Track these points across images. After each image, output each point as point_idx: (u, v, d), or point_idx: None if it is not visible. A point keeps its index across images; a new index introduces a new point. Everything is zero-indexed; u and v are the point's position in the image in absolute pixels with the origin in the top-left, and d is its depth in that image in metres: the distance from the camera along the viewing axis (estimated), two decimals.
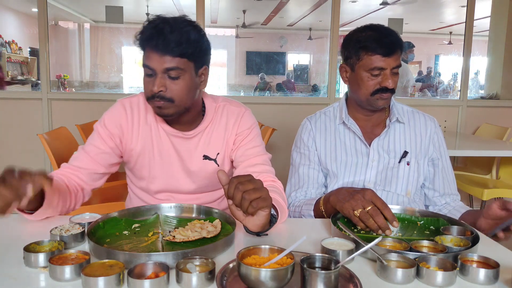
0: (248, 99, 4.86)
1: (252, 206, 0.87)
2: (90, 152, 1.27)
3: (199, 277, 0.75)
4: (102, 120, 1.29)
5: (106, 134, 1.28)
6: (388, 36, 1.29)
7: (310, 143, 1.45)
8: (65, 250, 0.84)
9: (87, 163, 1.26)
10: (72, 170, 1.25)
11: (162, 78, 1.14)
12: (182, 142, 1.29)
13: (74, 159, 1.28)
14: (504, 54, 4.02)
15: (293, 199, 1.42)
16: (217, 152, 1.32)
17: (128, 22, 8.88)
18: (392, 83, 1.30)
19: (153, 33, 1.12)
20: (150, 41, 1.12)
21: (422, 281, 0.79)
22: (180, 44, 1.11)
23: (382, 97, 1.32)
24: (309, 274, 0.73)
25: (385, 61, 1.28)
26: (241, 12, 8.67)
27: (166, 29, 1.11)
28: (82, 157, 1.27)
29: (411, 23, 8.69)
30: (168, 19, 1.14)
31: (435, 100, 4.38)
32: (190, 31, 1.14)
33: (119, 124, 1.28)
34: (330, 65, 3.72)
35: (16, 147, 3.46)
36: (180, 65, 1.14)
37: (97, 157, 1.27)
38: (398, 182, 1.38)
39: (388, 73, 1.30)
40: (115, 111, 1.29)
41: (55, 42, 7.57)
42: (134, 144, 1.29)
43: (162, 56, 1.12)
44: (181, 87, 1.16)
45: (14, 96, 3.50)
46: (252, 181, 0.89)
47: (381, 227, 1.01)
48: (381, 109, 1.40)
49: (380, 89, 1.31)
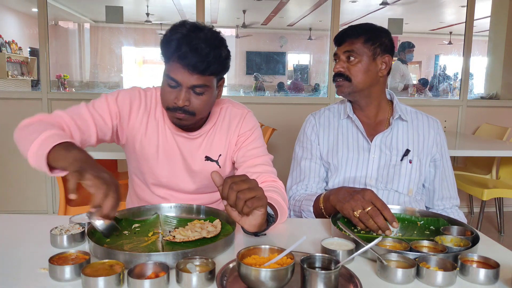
0: (248, 99, 4.86)
1: (247, 206, 0.86)
2: (95, 119, 1.20)
3: (199, 277, 0.75)
4: (115, 94, 1.26)
5: (114, 109, 1.24)
6: (347, 28, 1.40)
7: (313, 137, 1.47)
8: (65, 250, 0.84)
9: (87, 128, 1.18)
10: (72, 126, 1.14)
11: (187, 93, 1.14)
12: (185, 142, 1.30)
13: (78, 116, 1.17)
14: (504, 54, 4.02)
15: (294, 192, 1.44)
16: (219, 154, 1.32)
17: (128, 22, 8.87)
18: (338, 68, 1.38)
19: (187, 51, 1.09)
20: (183, 59, 1.09)
21: (422, 281, 0.79)
22: (213, 64, 1.11)
23: (336, 84, 1.41)
24: (309, 274, 0.73)
25: (338, 49, 1.42)
26: (241, 12, 8.66)
27: (201, 47, 1.09)
28: (87, 119, 1.18)
29: (411, 23, 8.68)
30: (201, 35, 1.11)
31: (435, 100, 4.38)
32: (222, 49, 1.14)
33: (130, 107, 1.26)
34: (330, 65, 3.73)
35: (16, 147, 3.46)
36: (206, 82, 1.14)
37: (99, 128, 1.21)
38: (400, 180, 1.39)
39: (340, 59, 1.40)
40: (131, 93, 1.28)
41: (55, 42, 7.57)
42: (137, 132, 1.28)
43: (191, 74, 1.11)
44: (204, 102, 1.17)
45: (14, 96, 3.50)
46: (246, 180, 0.88)
47: (381, 228, 1.01)
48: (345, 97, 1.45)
49: (335, 74, 1.41)
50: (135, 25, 8.79)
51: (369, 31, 1.37)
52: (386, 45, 1.38)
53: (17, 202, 3.54)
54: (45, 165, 0.96)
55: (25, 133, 1.06)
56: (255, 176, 1.23)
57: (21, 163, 3.49)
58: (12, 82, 6.56)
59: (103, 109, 1.23)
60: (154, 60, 9.32)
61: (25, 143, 1.03)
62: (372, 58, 1.36)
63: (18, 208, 3.54)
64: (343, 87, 1.38)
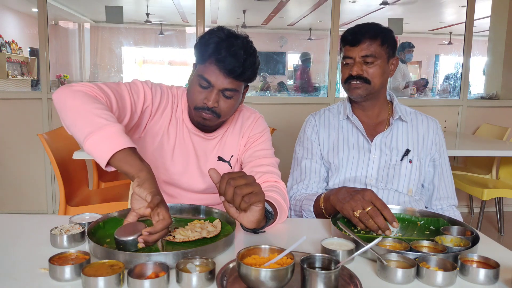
0: (248, 99, 4.85)
1: (245, 201, 0.86)
2: (131, 104, 1.16)
3: (199, 277, 0.75)
4: (150, 85, 1.24)
5: (147, 98, 1.21)
6: (360, 28, 1.35)
7: (313, 137, 1.48)
8: (65, 250, 0.84)
9: (124, 111, 1.15)
10: (114, 108, 1.10)
11: (217, 95, 1.17)
12: (201, 142, 1.33)
13: (120, 98, 1.13)
14: (504, 54, 4.02)
15: (294, 192, 1.45)
16: (231, 155, 1.36)
17: (128, 22, 8.86)
18: (357, 71, 1.34)
19: (227, 55, 1.12)
20: (222, 62, 1.13)
21: (422, 281, 0.79)
22: (247, 71, 1.16)
23: (351, 86, 1.38)
24: (309, 274, 0.73)
25: (352, 51, 1.36)
26: (241, 12, 8.66)
27: (240, 53, 1.13)
28: (126, 101, 1.15)
29: (411, 23, 8.68)
30: (239, 42, 1.15)
31: (435, 100, 4.38)
32: (256, 57, 1.19)
33: (159, 100, 1.26)
34: (330, 65, 3.72)
35: (16, 147, 3.46)
36: (237, 87, 1.19)
37: (131, 113, 1.17)
38: (400, 179, 1.39)
39: (355, 61, 1.35)
40: (162, 88, 1.29)
41: (55, 42, 7.55)
42: (159, 128, 1.28)
43: (226, 78, 1.15)
44: (231, 105, 1.21)
45: (14, 96, 3.50)
46: (243, 176, 0.89)
47: (380, 228, 1.01)
48: (366, 101, 1.42)
49: (350, 77, 1.36)
50: (135, 25, 8.78)
51: (383, 31, 1.36)
52: (394, 46, 1.39)
53: (17, 202, 3.54)
54: (105, 162, 0.90)
55: (81, 108, 0.98)
56: (259, 175, 1.24)
57: (21, 163, 3.49)
58: (12, 82, 6.56)
59: (138, 95, 1.21)
60: (154, 60, 9.33)
61: (83, 122, 0.95)
62: (387, 60, 1.38)
63: (18, 208, 3.54)
64: (361, 89, 1.37)
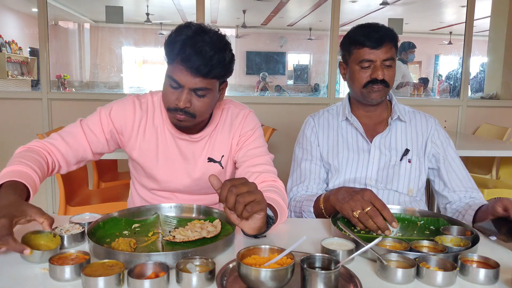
0: (248, 99, 4.85)
1: (247, 211, 0.85)
2: (87, 136, 1.25)
3: (199, 277, 0.75)
4: (109, 108, 1.27)
5: (106, 124, 1.26)
6: (377, 30, 1.34)
7: (312, 138, 1.47)
8: (65, 250, 0.84)
9: (80, 145, 1.23)
10: (62, 147, 1.21)
11: (189, 94, 1.13)
12: (188, 146, 1.30)
13: (69, 135, 1.24)
14: (504, 54, 4.02)
15: (294, 193, 1.44)
16: (222, 155, 1.33)
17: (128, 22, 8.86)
18: (383, 75, 1.33)
19: (192, 53, 1.08)
20: (187, 61, 1.08)
21: (422, 281, 0.79)
22: (216, 68, 1.11)
23: (373, 89, 1.35)
24: (309, 274, 0.73)
25: (373, 53, 1.33)
26: (241, 12, 8.66)
27: (205, 50, 1.08)
28: (79, 136, 1.24)
29: (411, 23, 8.68)
30: (206, 38, 1.10)
31: (435, 100, 4.38)
32: (226, 53, 1.13)
33: (124, 120, 1.27)
34: (330, 65, 3.72)
35: (16, 147, 3.46)
36: (209, 85, 1.14)
37: (92, 144, 1.25)
38: (400, 180, 1.39)
39: (378, 65, 1.33)
40: (125, 106, 1.28)
41: (55, 42, 7.56)
42: (134, 142, 1.29)
43: (194, 77, 1.11)
44: (205, 104, 1.17)
45: (14, 96, 3.50)
46: (245, 183, 0.87)
47: (380, 228, 1.01)
48: (378, 104, 1.41)
49: (371, 81, 1.34)
50: (135, 25, 8.79)
51: (395, 34, 1.36)
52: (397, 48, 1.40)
53: None
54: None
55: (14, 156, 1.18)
56: (255, 175, 1.23)
57: None
58: (12, 82, 6.57)
59: (95, 124, 1.26)
60: (154, 60, 9.32)
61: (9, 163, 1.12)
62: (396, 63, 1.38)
63: None
64: (382, 93, 1.37)
